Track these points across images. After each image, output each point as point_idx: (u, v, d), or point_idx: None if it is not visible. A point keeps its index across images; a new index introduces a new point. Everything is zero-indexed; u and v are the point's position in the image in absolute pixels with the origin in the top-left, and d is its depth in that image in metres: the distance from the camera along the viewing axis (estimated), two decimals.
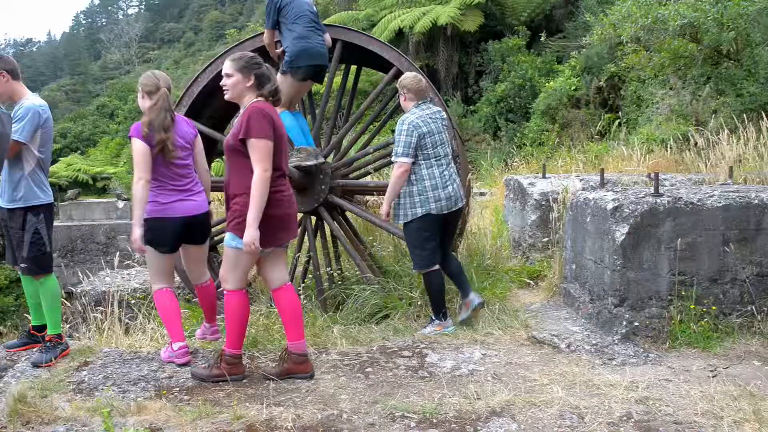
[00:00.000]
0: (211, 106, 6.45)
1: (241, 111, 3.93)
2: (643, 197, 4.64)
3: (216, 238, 6.01)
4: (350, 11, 20.85)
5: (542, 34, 17.49)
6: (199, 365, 4.28)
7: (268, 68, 4.01)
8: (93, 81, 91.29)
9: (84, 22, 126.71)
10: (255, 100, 3.92)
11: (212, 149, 6.99)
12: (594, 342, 4.64)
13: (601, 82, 14.69)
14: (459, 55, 19.56)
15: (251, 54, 4.04)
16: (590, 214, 5.00)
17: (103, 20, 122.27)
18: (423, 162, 4.87)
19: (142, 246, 4.19)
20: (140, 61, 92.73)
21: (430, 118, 4.94)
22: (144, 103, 4.34)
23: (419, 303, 5.34)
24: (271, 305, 5.62)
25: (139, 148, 4.13)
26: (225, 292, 4.03)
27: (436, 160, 4.90)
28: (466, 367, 4.26)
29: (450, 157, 5.07)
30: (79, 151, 30.93)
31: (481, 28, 18.78)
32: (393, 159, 4.89)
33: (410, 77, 5.04)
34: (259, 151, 3.73)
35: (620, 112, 14.10)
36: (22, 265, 4.46)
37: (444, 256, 5.08)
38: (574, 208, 5.43)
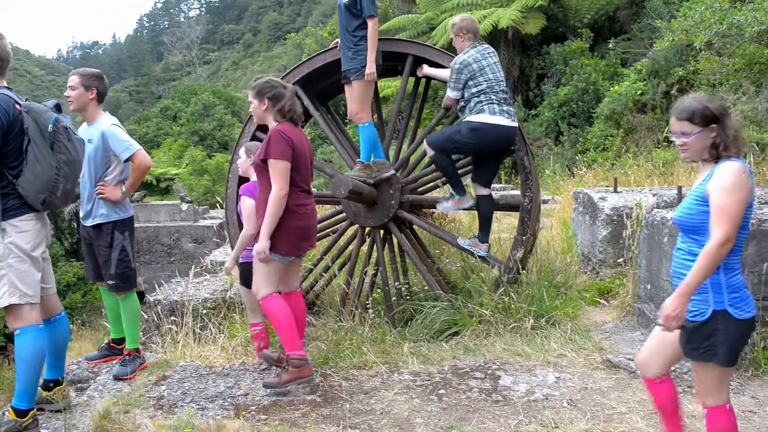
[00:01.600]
0: None
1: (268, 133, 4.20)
2: None
3: None
4: (410, 14, 20.80)
5: (611, 41, 17.02)
6: (271, 376, 4.34)
7: (282, 87, 4.26)
8: (155, 82, 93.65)
9: (147, 24, 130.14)
10: (279, 122, 4.19)
11: None
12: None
13: (669, 87, 14.30)
14: (520, 58, 19.32)
15: (265, 79, 4.33)
16: (667, 234, 4.87)
17: (165, 23, 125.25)
18: (477, 98, 5.15)
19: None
20: (201, 63, 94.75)
21: (482, 54, 5.24)
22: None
23: (490, 321, 5.29)
24: (339, 320, 5.67)
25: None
26: (261, 301, 4.25)
27: (494, 95, 5.16)
28: (540, 392, 4.21)
29: (508, 96, 5.31)
30: None
31: (543, 31, 18.48)
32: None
33: (467, 19, 5.39)
34: (277, 171, 4.04)
35: None
36: (110, 282, 4.57)
37: None
38: (649, 227, 5.29)
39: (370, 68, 5.46)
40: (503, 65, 18.92)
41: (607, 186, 8.38)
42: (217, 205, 23.41)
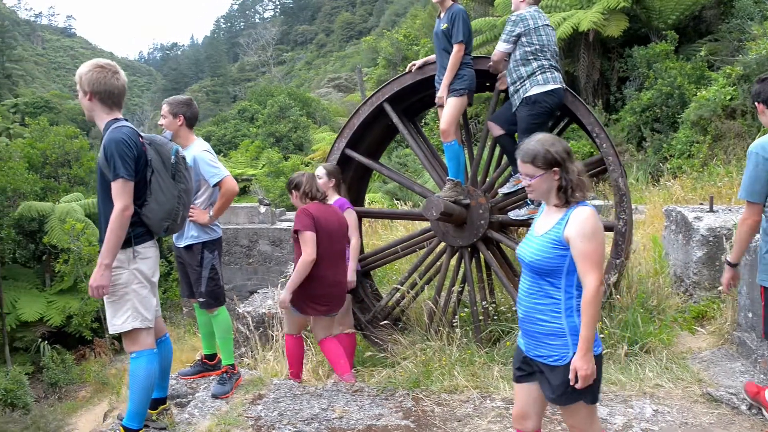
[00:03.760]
0: (367, 137, 6.60)
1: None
2: None
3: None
4: (487, 18, 20.62)
5: (702, 49, 16.39)
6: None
7: (300, 176, 5.14)
8: (231, 82, 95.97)
9: (224, 26, 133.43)
10: (306, 203, 5.05)
11: (367, 176, 7.20)
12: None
13: None
14: (601, 60, 18.84)
15: (292, 177, 5.24)
16: None
17: (241, 24, 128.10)
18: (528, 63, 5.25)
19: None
20: (275, 63, 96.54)
21: (538, 14, 5.30)
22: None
23: None
24: (427, 338, 5.68)
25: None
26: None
27: (545, 60, 5.25)
28: (638, 426, 4.11)
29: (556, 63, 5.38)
30: (222, 154, 32.65)
31: (625, 33, 17.93)
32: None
33: None
34: (304, 240, 4.81)
35: None
36: (201, 299, 4.74)
37: None
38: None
39: (442, 91, 5.55)
40: (583, 68, 18.62)
41: (702, 202, 8.09)
42: (291, 206, 23.85)
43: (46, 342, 21.71)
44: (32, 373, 21.47)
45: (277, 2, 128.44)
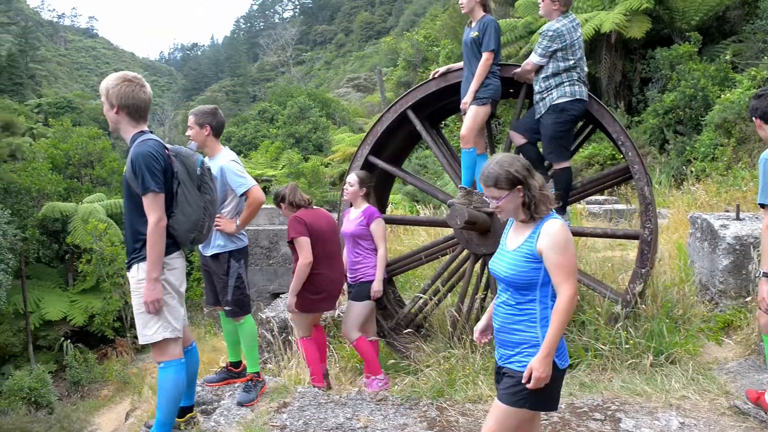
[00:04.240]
0: (391, 144, 6.61)
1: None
2: None
3: None
4: (508, 19, 20.55)
5: (728, 53, 16.19)
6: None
7: (285, 188, 5.46)
8: (251, 82, 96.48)
9: (243, 26, 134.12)
10: (294, 212, 5.33)
11: (390, 182, 7.22)
12: None
13: None
14: (623, 62, 18.69)
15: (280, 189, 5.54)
16: None
17: (261, 24, 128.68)
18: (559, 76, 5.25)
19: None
20: (294, 63, 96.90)
21: (574, 27, 5.27)
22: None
23: (605, 355, 5.17)
24: (450, 346, 5.68)
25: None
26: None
27: (576, 74, 5.26)
28: None
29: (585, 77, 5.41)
30: (242, 155, 32.87)
31: (647, 34, 17.77)
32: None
33: None
34: (299, 245, 5.13)
35: None
36: (227, 308, 4.78)
37: None
38: None
39: (468, 98, 5.54)
40: (605, 70, 18.48)
41: (727, 209, 8.00)
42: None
43: (69, 341, 21.99)
44: (55, 371, 21.79)
45: (297, 2, 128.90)
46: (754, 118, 4.08)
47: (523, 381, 2.84)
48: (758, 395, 4.29)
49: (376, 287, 5.52)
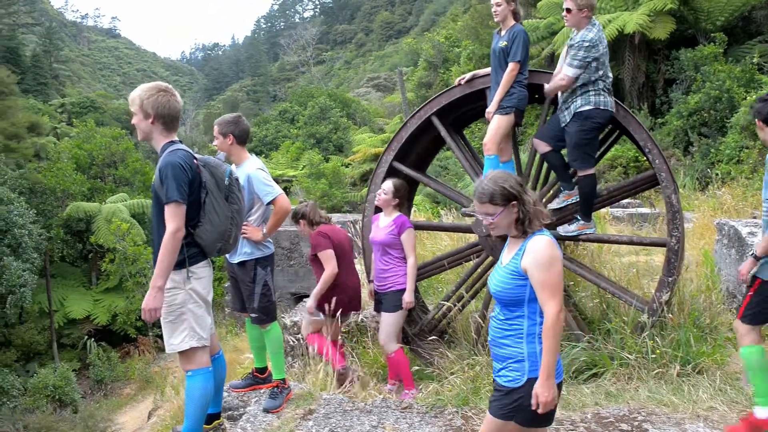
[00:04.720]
0: (415, 150, 6.62)
1: None
2: None
3: None
4: (529, 20, 20.46)
5: (755, 55, 15.97)
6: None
7: (305, 206, 5.79)
8: (271, 82, 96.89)
9: (264, 26, 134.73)
10: (314, 229, 5.68)
11: (414, 188, 7.22)
12: None
13: None
14: (646, 63, 18.53)
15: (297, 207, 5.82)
16: None
17: (281, 24, 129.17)
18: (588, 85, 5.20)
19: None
20: (315, 62, 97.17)
21: (603, 36, 5.23)
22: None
23: (631, 365, 5.13)
24: (474, 353, 5.67)
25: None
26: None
27: (603, 83, 5.22)
28: None
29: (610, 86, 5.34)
30: (263, 155, 33.06)
31: (671, 34, 17.61)
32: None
33: None
34: (325, 258, 5.50)
35: None
36: (253, 315, 4.81)
37: None
38: None
39: (492, 107, 5.51)
40: (628, 71, 18.36)
41: (754, 215, 7.91)
42: (332, 208, 23.98)
43: (93, 339, 22.25)
44: (78, 369, 22.05)
45: (317, 2, 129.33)
46: (757, 121, 4.17)
47: (533, 408, 2.86)
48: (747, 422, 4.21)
49: (408, 298, 5.57)
